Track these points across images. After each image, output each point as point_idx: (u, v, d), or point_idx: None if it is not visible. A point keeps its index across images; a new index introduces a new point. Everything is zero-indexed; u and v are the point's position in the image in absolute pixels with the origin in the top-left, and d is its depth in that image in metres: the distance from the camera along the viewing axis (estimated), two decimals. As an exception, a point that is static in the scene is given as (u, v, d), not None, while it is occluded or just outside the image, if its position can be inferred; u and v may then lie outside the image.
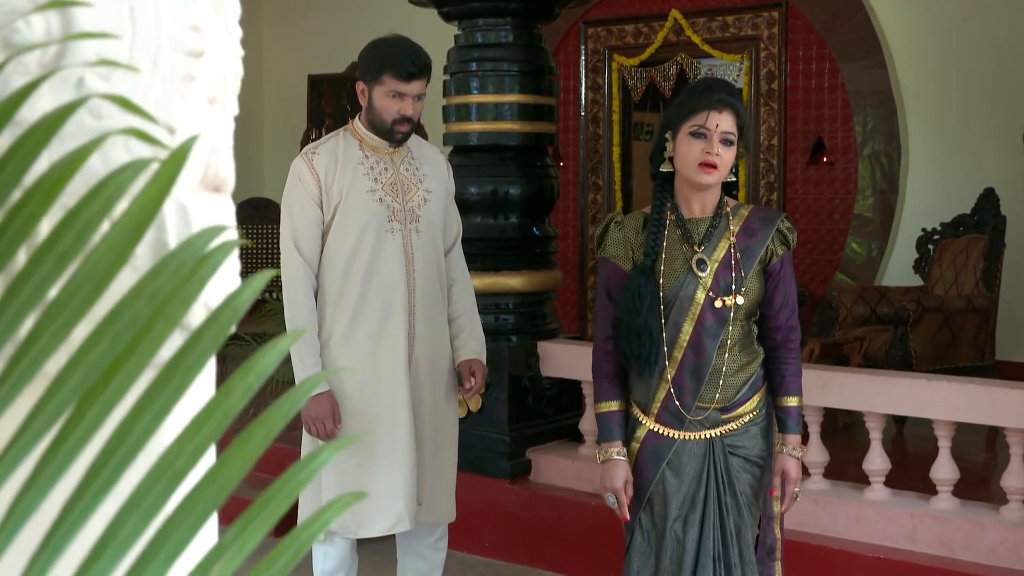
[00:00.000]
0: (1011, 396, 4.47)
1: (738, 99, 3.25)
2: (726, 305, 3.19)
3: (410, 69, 3.87)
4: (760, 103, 9.26)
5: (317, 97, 12.18)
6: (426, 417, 4.02)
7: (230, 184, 0.98)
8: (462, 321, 4.15)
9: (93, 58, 0.85)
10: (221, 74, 0.95)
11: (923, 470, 4.86)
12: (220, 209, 0.95)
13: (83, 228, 0.71)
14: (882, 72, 8.80)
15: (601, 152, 10.12)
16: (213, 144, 0.94)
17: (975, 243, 7.27)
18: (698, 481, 3.25)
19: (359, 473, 3.93)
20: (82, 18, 0.85)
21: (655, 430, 3.27)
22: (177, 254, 0.72)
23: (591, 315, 10.28)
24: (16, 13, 0.82)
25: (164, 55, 0.89)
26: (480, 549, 5.54)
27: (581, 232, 10.27)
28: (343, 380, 3.92)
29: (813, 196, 9.15)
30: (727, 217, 3.26)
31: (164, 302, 0.70)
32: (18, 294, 0.69)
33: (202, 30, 0.90)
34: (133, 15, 0.87)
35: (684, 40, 9.50)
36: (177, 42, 0.90)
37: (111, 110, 0.86)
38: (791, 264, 3.33)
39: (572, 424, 5.77)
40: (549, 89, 5.88)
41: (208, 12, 0.93)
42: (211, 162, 0.94)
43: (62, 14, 0.84)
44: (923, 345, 6.73)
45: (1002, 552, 4.48)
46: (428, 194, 4.01)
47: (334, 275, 3.90)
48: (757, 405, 3.30)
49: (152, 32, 0.89)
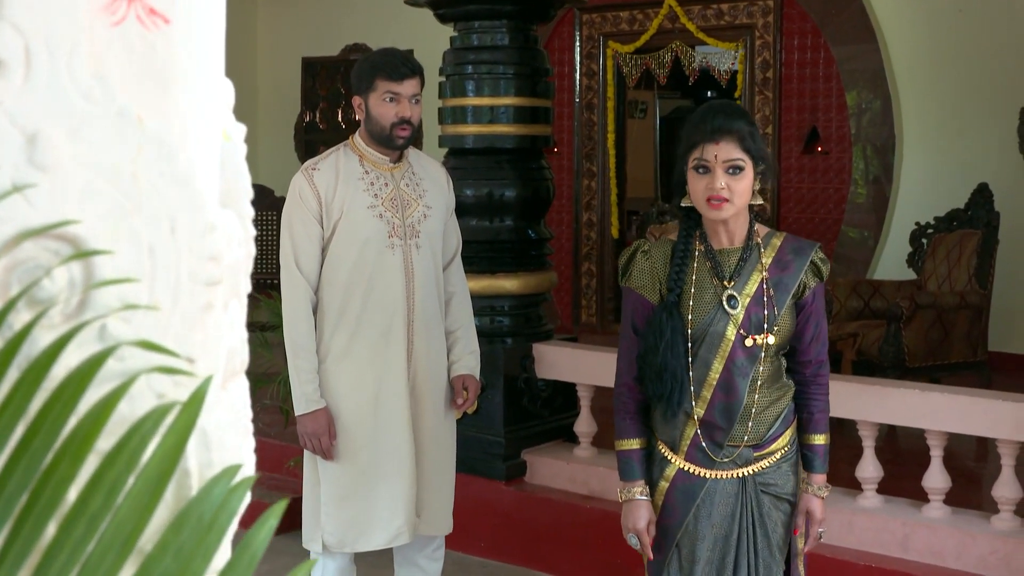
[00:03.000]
0: (1003, 407, 4.51)
1: (739, 120, 3.04)
2: (757, 343, 3.05)
3: (402, 70, 3.90)
4: (755, 92, 9.26)
5: (311, 80, 12.14)
6: (425, 430, 4.05)
7: (245, 364, 1.00)
8: (458, 335, 4.17)
9: (116, 303, 0.87)
10: (235, 270, 0.97)
11: (916, 470, 4.90)
12: (239, 397, 0.97)
13: (111, 488, 0.73)
14: (877, 61, 8.80)
15: (595, 138, 10.12)
16: (231, 346, 0.96)
17: (968, 238, 7.29)
18: (730, 521, 3.13)
19: (358, 487, 3.96)
20: (103, 265, 0.87)
21: (685, 469, 3.15)
22: (197, 505, 0.74)
23: (584, 302, 10.31)
24: (40, 268, 0.84)
25: (183, 288, 0.91)
26: (475, 550, 5.59)
27: (575, 218, 10.28)
28: (342, 395, 3.95)
29: (807, 185, 9.17)
30: (758, 248, 3.11)
31: (188, 559, 0.72)
32: (52, 563, 0.71)
33: (220, 259, 0.92)
34: (153, 255, 0.89)
35: (679, 28, 9.48)
36: (196, 274, 0.91)
37: (132, 350, 0.87)
38: (823, 297, 3.19)
39: (567, 425, 5.80)
40: (545, 91, 5.88)
41: (223, 222, 0.94)
42: (230, 363, 0.96)
43: (84, 263, 0.86)
44: (916, 342, 6.76)
45: (992, 562, 4.53)
46: (428, 209, 4.03)
47: (334, 291, 3.92)
48: (789, 440, 3.18)
49: (171, 269, 0.90)
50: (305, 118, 12.18)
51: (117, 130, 0.88)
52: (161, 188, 0.89)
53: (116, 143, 0.88)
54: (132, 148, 0.89)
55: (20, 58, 0.85)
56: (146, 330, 0.88)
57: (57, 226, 0.84)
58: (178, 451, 0.77)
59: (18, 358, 0.79)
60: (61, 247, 0.85)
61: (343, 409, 3.95)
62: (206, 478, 0.83)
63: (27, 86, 0.86)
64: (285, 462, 6.14)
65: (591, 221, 10.21)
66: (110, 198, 0.87)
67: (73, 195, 0.86)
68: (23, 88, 0.86)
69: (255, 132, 12.31)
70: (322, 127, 12.13)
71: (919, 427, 4.77)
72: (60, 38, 0.86)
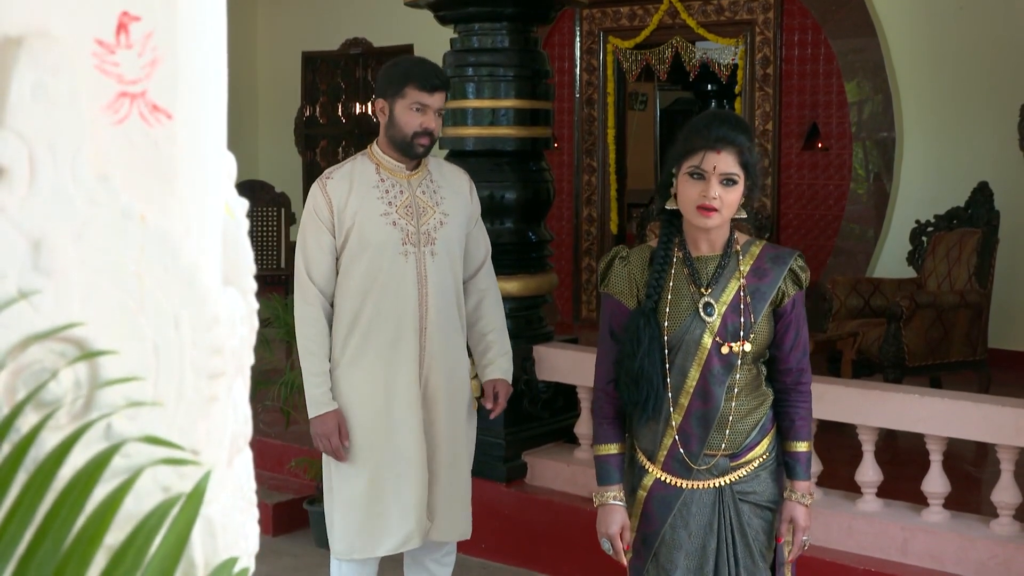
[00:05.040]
0: (1002, 413, 4.52)
1: (742, 134, 3.05)
2: (733, 351, 3.06)
3: (434, 81, 3.93)
4: (755, 88, 9.26)
5: (311, 74, 12.13)
6: (439, 436, 4.07)
7: (249, 436, 1.01)
8: (492, 338, 4.22)
9: (121, 401, 0.88)
10: (238, 350, 0.98)
11: (915, 471, 4.92)
12: (243, 470, 0.98)
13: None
14: (877, 57, 8.79)
15: (596, 134, 10.12)
16: (235, 430, 0.97)
17: (968, 237, 7.30)
18: (707, 531, 3.14)
19: (370, 492, 4.00)
20: (108, 364, 0.88)
21: (662, 479, 3.16)
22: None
23: (585, 297, 10.32)
24: (46, 372, 0.85)
25: (188, 383, 0.92)
26: (476, 551, 5.60)
27: (575, 214, 10.28)
28: (354, 400, 3.98)
29: (808, 182, 9.17)
30: (737, 256, 3.13)
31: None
32: None
33: (223, 351, 0.93)
34: (157, 352, 0.90)
35: (679, 23, 9.48)
36: (200, 368, 0.92)
37: (137, 445, 0.88)
38: (803, 305, 3.20)
39: (568, 427, 5.82)
40: (545, 93, 5.88)
41: (225, 306, 0.95)
42: (235, 443, 0.97)
43: (89, 363, 0.86)
44: (916, 341, 6.77)
45: (992, 567, 4.55)
46: (445, 216, 4.04)
47: (348, 297, 3.96)
48: (767, 448, 3.18)
49: (176, 364, 0.91)
50: (305, 112, 12.17)
51: (121, 230, 0.89)
52: (165, 284, 0.91)
53: (120, 243, 0.89)
54: (136, 248, 0.90)
55: (24, 165, 0.86)
56: (151, 425, 0.89)
57: (62, 329, 0.85)
58: (182, 544, 0.78)
59: (25, 461, 0.80)
60: (66, 349, 0.86)
61: (355, 415, 3.98)
62: (212, 566, 0.85)
63: (31, 192, 0.87)
64: (286, 463, 6.16)
65: (591, 216, 10.22)
66: (114, 298, 0.88)
67: (78, 297, 0.87)
68: (27, 194, 0.87)
69: (255, 127, 12.31)
70: (322, 121, 12.12)
71: (918, 431, 4.78)
72: (64, 142, 0.87)
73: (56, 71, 0.85)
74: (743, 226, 7.90)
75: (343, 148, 11.75)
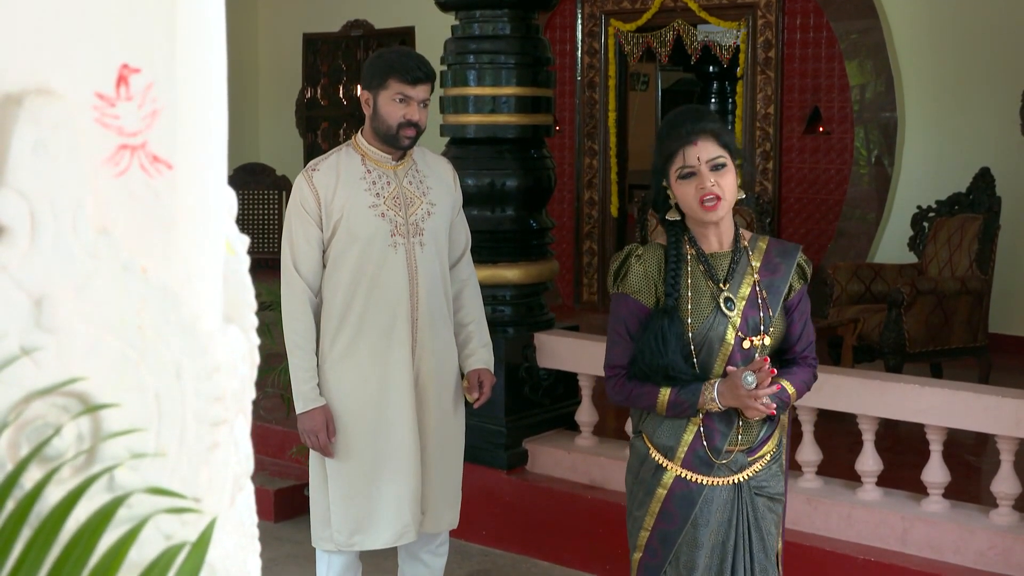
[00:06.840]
0: (1003, 404, 4.52)
1: (710, 121, 3.08)
2: (754, 345, 3.08)
3: (416, 73, 3.90)
4: (757, 71, 9.24)
5: (312, 56, 12.09)
6: (432, 428, 4.07)
7: (250, 471, 1.02)
8: (471, 329, 4.20)
9: (123, 452, 0.88)
10: (239, 391, 0.99)
11: (916, 459, 4.93)
12: (245, 507, 0.99)
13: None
14: (879, 41, 8.76)
15: (597, 117, 10.10)
16: (237, 472, 0.97)
17: (970, 223, 7.29)
18: (727, 528, 3.15)
19: (363, 486, 4.00)
20: (111, 417, 0.88)
21: (683, 476, 3.14)
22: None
23: (586, 280, 10.32)
24: (49, 427, 0.85)
25: (190, 431, 0.93)
26: (477, 538, 5.62)
27: (577, 197, 10.27)
28: (346, 394, 3.97)
29: (809, 165, 9.16)
30: (746, 252, 3.15)
31: None
32: None
33: (224, 398, 0.93)
34: (159, 402, 0.90)
35: (681, 6, 9.45)
36: (202, 416, 0.93)
37: (140, 496, 0.89)
38: (808, 297, 3.24)
39: (569, 414, 5.83)
40: (546, 81, 5.87)
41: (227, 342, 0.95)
42: (237, 483, 0.97)
43: (92, 417, 0.87)
44: (917, 327, 6.77)
45: (991, 557, 4.56)
46: (432, 207, 4.03)
47: (337, 290, 3.94)
48: (777, 442, 3.21)
49: (177, 413, 0.92)
50: (306, 95, 12.14)
51: (122, 284, 0.89)
52: (166, 335, 0.91)
53: (121, 297, 0.89)
54: (137, 300, 0.90)
55: (25, 222, 0.86)
56: (153, 475, 0.90)
57: (64, 384, 0.86)
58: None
59: (30, 517, 0.81)
60: (69, 403, 0.87)
61: (347, 408, 3.97)
62: (213, 610, 0.85)
63: (33, 249, 0.87)
64: (287, 449, 6.17)
65: (592, 199, 10.21)
66: (116, 350, 0.89)
67: (79, 351, 0.88)
68: (29, 251, 0.87)
69: (256, 109, 12.28)
70: (323, 103, 12.10)
71: (919, 422, 4.79)
72: (65, 197, 0.87)
73: (56, 127, 0.85)
74: (744, 211, 7.91)
75: (344, 130, 11.73)
